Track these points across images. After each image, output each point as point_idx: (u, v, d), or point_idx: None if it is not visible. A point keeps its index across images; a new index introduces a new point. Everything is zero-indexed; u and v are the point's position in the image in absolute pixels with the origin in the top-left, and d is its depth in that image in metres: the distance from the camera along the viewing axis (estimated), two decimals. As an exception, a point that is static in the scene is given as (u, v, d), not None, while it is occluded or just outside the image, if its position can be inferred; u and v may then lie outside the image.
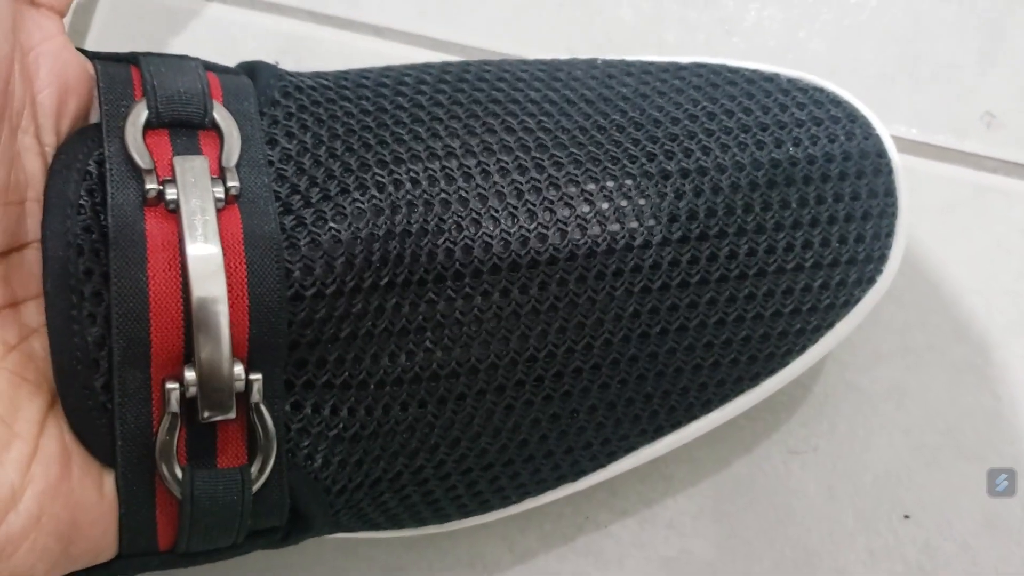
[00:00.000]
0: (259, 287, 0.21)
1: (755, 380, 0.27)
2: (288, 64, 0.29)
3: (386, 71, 0.27)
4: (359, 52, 0.35)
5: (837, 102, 0.28)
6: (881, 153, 0.28)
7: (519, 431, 0.25)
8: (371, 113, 0.25)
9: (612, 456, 0.27)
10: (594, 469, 0.27)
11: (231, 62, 0.27)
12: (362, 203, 0.23)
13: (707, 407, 0.27)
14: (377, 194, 0.23)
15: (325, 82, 0.26)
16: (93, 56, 0.24)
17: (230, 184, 0.22)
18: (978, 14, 0.36)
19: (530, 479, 0.26)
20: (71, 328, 0.20)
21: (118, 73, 0.23)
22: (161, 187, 0.21)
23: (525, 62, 0.28)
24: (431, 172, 0.24)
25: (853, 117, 0.28)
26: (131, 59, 0.24)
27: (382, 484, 0.24)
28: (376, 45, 0.35)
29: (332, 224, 0.22)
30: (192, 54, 0.25)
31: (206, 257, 0.20)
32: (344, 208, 0.23)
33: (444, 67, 0.27)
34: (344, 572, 0.30)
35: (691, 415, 0.27)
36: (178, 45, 0.34)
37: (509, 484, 0.26)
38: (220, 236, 0.21)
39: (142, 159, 0.21)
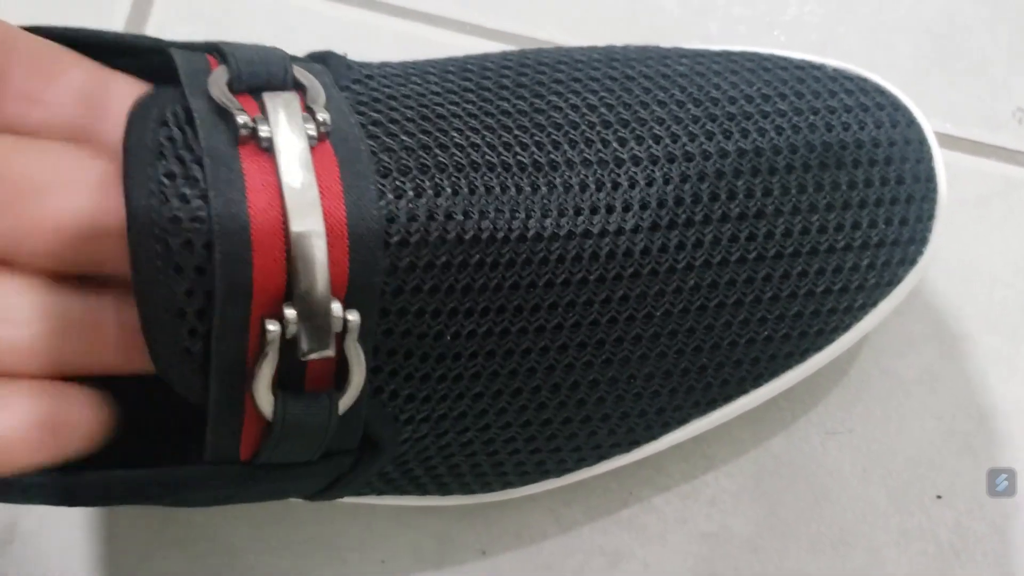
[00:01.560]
0: (358, 225, 0.21)
1: (804, 356, 0.28)
2: (343, 49, 0.30)
3: (450, 60, 0.28)
4: (414, 39, 0.36)
5: (880, 91, 0.29)
6: (922, 140, 0.29)
7: (578, 390, 0.26)
8: (441, 95, 0.26)
9: (665, 427, 0.28)
10: (647, 440, 0.28)
11: (290, 49, 0.27)
12: (442, 180, 0.23)
13: (757, 381, 0.28)
14: (456, 174, 0.24)
15: (393, 71, 0.27)
16: (167, 45, 0.24)
17: (320, 117, 0.22)
18: (1011, 13, 0.37)
19: (586, 442, 0.27)
20: (157, 279, 0.20)
21: (194, 53, 0.24)
22: (254, 124, 0.21)
23: (580, 47, 0.29)
24: (504, 157, 0.25)
25: (896, 106, 0.29)
26: (205, 47, 0.24)
27: (449, 435, 0.26)
28: (429, 32, 0.36)
29: (422, 188, 0.23)
30: (250, 41, 0.26)
31: (303, 193, 0.20)
32: (424, 182, 0.23)
33: (504, 55, 0.28)
34: (395, 539, 0.31)
35: (742, 389, 0.28)
36: (236, 32, 0.35)
37: (566, 446, 0.27)
38: (315, 172, 0.21)
39: (230, 103, 0.21)
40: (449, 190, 0.23)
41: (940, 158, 0.29)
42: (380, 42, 0.36)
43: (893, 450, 0.33)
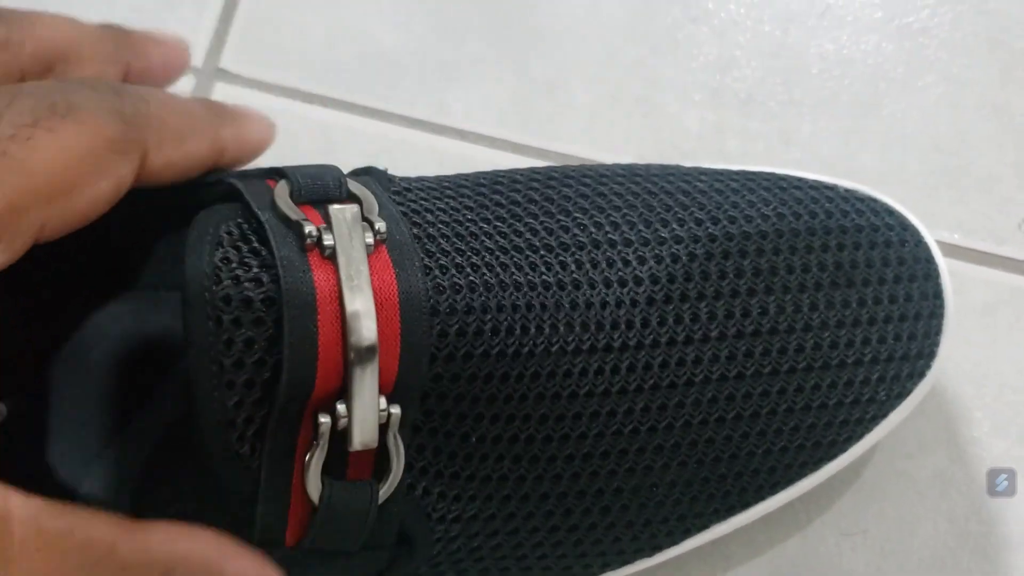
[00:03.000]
0: (410, 332, 0.23)
1: (818, 464, 0.30)
2: (384, 163, 0.33)
3: (481, 174, 0.30)
4: (447, 155, 0.38)
5: (890, 211, 0.31)
6: (929, 259, 0.30)
7: (603, 497, 0.27)
8: (474, 209, 0.28)
9: (687, 533, 0.29)
10: (669, 545, 0.30)
11: (332, 163, 0.29)
12: (473, 299, 0.25)
13: (774, 488, 0.29)
14: (485, 293, 0.25)
15: (429, 184, 0.29)
16: (225, 175, 0.26)
17: (378, 226, 0.24)
18: (1016, 130, 0.39)
19: (611, 548, 0.29)
20: (213, 396, 0.22)
21: (252, 179, 0.26)
22: (318, 233, 0.23)
23: (604, 165, 0.31)
24: (530, 277, 0.26)
25: (904, 225, 0.31)
26: (262, 173, 0.26)
27: (479, 537, 0.27)
28: (462, 148, 0.38)
29: (466, 292, 0.25)
30: (293, 154, 0.28)
31: (362, 301, 0.23)
32: (473, 279, 0.25)
33: (533, 169, 0.30)
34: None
35: (760, 496, 0.29)
36: (280, 145, 0.37)
37: (592, 551, 0.29)
38: (373, 282, 0.23)
39: (296, 213, 0.23)
40: (479, 308, 0.25)
41: (947, 275, 0.31)
42: (417, 156, 0.38)
43: (907, 551, 0.34)
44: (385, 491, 0.25)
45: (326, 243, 0.23)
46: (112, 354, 0.31)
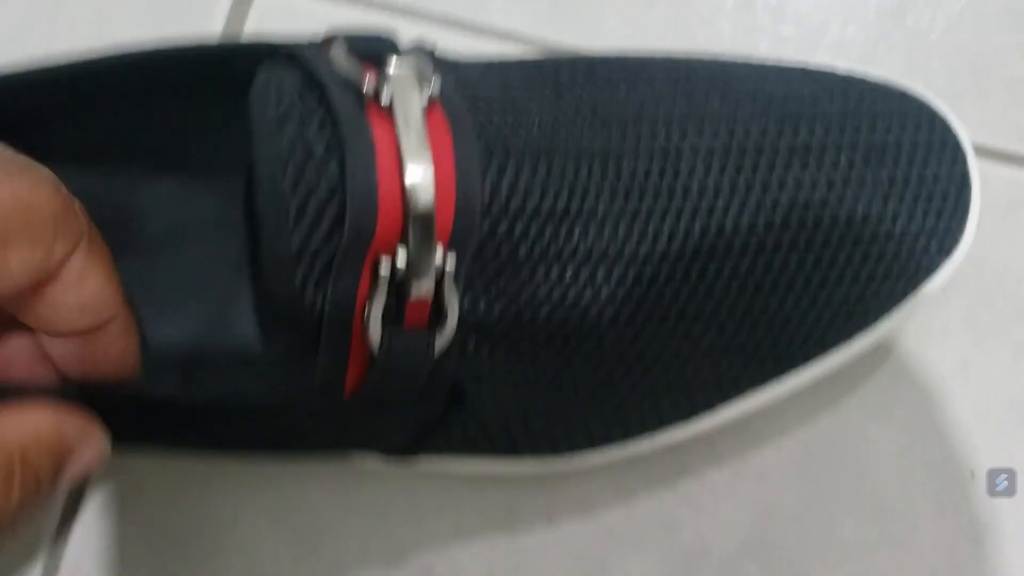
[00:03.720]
0: (464, 181, 0.24)
1: (850, 336, 0.31)
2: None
3: (526, 57, 0.31)
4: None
5: (919, 101, 0.32)
6: (957, 144, 0.32)
7: (643, 358, 0.29)
8: (522, 80, 0.29)
9: (723, 398, 0.31)
10: (706, 410, 0.31)
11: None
12: (523, 160, 0.26)
13: (807, 358, 0.31)
14: (535, 158, 0.27)
15: (476, 61, 0.30)
16: (276, 45, 0.27)
17: (433, 84, 0.24)
18: (1039, 36, 0.40)
19: (650, 409, 0.30)
20: (281, 231, 0.24)
21: (305, 44, 0.27)
22: (376, 87, 0.24)
23: (643, 50, 0.32)
24: (580, 144, 0.27)
25: (933, 114, 0.32)
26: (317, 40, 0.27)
27: (524, 394, 0.28)
28: (501, 47, 0.39)
29: (515, 155, 0.26)
30: None
31: (419, 151, 0.24)
32: (521, 142, 0.26)
33: (575, 53, 0.31)
34: (468, 506, 0.34)
35: (792, 364, 0.30)
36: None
37: (633, 414, 0.30)
38: (428, 132, 0.24)
39: (354, 69, 0.24)
40: (528, 169, 0.26)
41: (974, 159, 0.32)
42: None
43: (929, 431, 0.35)
44: (441, 341, 0.26)
45: (383, 97, 0.24)
46: (161, 234, 0.32)
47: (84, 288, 0.24)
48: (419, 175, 0.24)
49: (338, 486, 0.34)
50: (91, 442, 0.25)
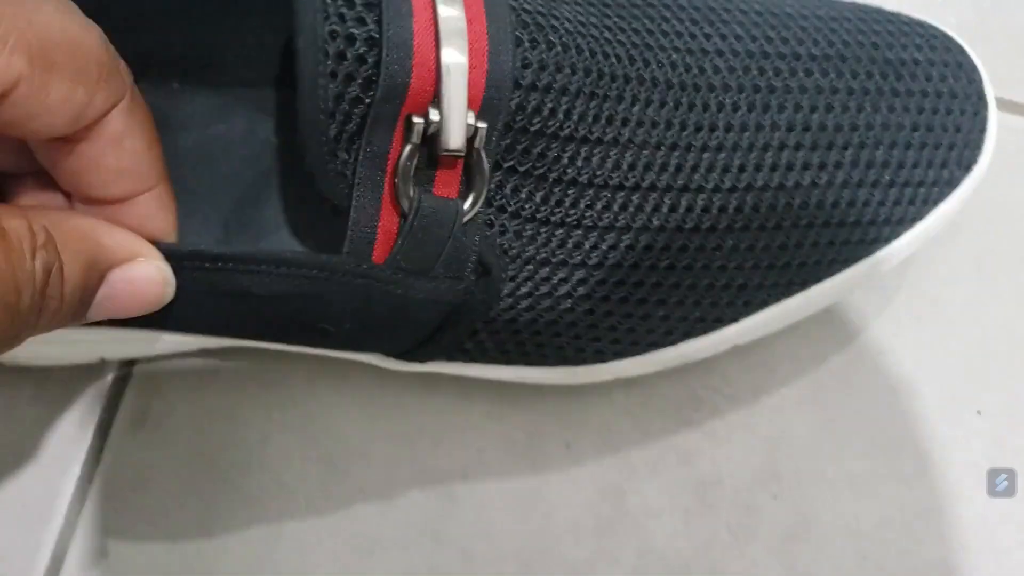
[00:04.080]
0: (496, 52, 0.25)
1: (872, 246, 0.32)
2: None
3: None
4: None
5: (933, 29, 0.34)
6: (973, 66, 0.33)
7: (668, 253, 0.29)
8: None
9: (747, 305, 0.31)
10: (730, 319, 0.31)
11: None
12: (570, 28, 0.27)
13: (831, 268, 0.31)
14: (582, 28, 0.27)
15: None
16: None
17: None
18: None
19: (674, 313, 0.30)
20: (317, 82, 0.24)
21: None
22: None
23: None
24: (620, 38, 0.28)
25: (948, 39, 0.34)
26: None
27: (547, 288, 0.29)
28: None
29: (550, 33, 0.27)
30: None
31: (455, 20, 0.24)
32: (557, 26, 0.27)
33: None
34: (489, 432, 0.35)
35: (816, 275, 0.31)
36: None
37: (655, 313, 0.30)
38: (465, 4, 0.25)
39: None
40: (560, 47, 0.27)
41: (988, 81, 0.33)
42: None
43: (939, 367, 0.36)
44: (470, 207, 0.26)
45: None
46: (191, 147, 0.33)
47: (123, 150, 0.24)
48: (454, 35, 0.24)
49: (364, 414, 0.35)
50: (142, 266, 0.24)
